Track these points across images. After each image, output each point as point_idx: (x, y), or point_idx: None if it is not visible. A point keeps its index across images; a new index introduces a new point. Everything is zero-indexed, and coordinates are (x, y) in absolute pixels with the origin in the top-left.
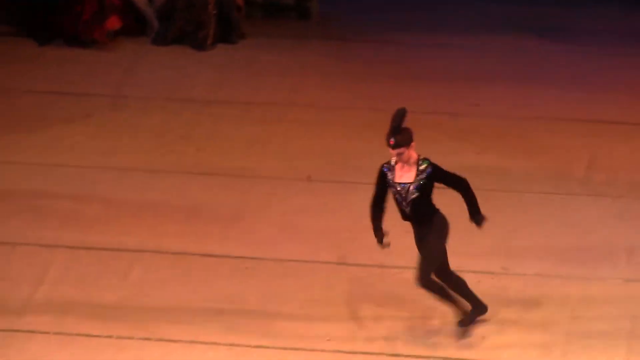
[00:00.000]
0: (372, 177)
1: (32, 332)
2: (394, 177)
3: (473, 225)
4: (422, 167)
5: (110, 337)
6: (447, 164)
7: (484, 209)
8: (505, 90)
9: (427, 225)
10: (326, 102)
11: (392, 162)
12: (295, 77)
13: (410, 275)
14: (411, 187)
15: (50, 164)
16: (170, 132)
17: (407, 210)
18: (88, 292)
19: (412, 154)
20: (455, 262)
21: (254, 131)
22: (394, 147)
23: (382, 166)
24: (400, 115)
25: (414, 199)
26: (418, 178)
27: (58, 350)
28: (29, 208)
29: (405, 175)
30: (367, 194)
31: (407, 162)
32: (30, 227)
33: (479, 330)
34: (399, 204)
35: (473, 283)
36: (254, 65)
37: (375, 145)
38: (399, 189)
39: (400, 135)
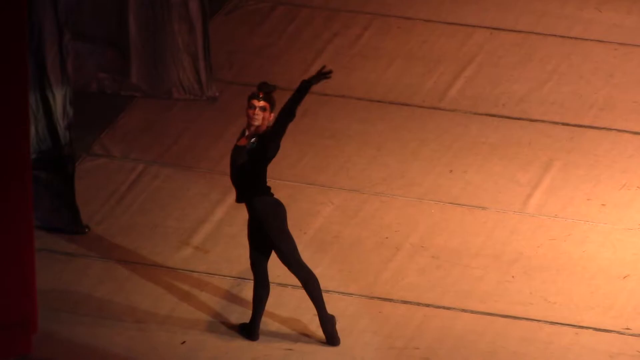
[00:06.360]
0: None
1: None
2: (237, 140)
3: None
4: (258, 132)
5: None
6: None
7: None
8: None
9: (258, 209)
10: None
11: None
12: None
13: None
14: (243, 151)
15: None
16: None
17: (236, 179)
18: None
19: (269, 119)
20: None
21: None
22: (262, 98)
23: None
24: (273, 85)
25: (240, 166)
26: (250, 141)
27: None
28: None
29: (244, 139)
30: None
31: (252, 122)
32: None
33: None
34: (231, 171)
35: None
36: None
37: None
38: (233, 152)
39: (270, 93)
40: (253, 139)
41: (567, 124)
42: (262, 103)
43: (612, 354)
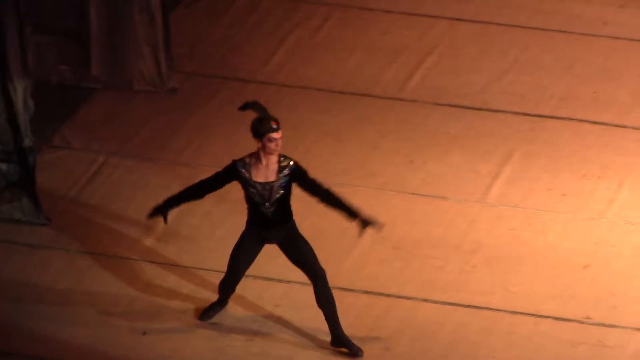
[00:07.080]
0: None
1: None
2: (251, 176)
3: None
4: (284, 163)
5: None
6: None
7: None
8: None
9: (287, 229)
10: None
11: (247, 160)
12: None
13: None
14: (275, 185)
15: None
16: None
17: (270, 211)
18: None
19: None
20: None
21: None
22: (278, 129)
23: (235, 162)
24: (262, 106)
25: (279, 198)
26: (281, 175)
27: None
28: None
29: (266, 174)
30: None
31: (275, 154)
32: None
33: None
34: (259, 206)
35: None
36: None
37: None
38: (259, 189)
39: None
40: (285, 172)
41: (528, 114)
42: (280, 133)
43: (573, 343)
